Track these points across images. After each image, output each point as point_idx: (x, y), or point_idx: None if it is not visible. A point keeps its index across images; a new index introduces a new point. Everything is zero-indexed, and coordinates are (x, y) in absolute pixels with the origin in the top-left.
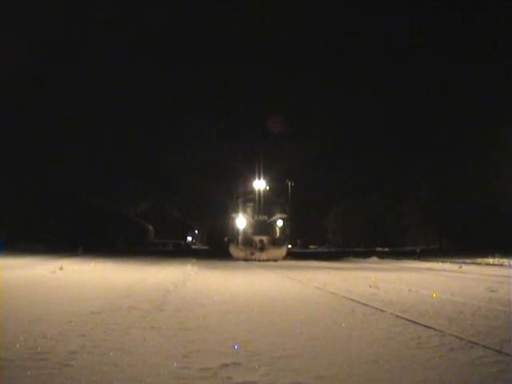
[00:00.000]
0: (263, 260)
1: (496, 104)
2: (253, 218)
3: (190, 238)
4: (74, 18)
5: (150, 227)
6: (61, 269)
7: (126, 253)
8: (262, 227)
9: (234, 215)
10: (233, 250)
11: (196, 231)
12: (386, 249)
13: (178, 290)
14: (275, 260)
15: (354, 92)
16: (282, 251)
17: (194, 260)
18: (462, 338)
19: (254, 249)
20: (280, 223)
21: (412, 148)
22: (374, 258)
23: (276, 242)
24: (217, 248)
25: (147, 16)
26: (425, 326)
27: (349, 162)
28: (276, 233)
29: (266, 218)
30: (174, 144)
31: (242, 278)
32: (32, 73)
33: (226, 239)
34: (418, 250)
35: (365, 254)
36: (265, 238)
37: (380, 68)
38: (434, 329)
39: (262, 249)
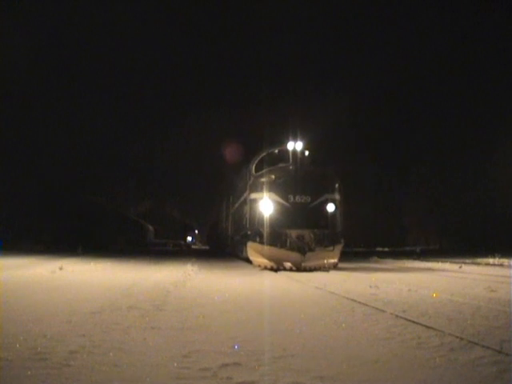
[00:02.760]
0: (306, 269)
1: (496, 104)
2: (286, 199)
3: (190, 238)
4: (74, 18)
5: (150, 227)
6: (61, 269)
7: (126, 253)
8: (303, 215)
9: (254, 196)
10: (253, 252)
11: (196, 231)
12: (386, 249)
13: (178, 289)
14: (325, 270)
15: (353, 91)
16: (334, 255)
17: (194, 260)
18: (462, 338)
19: (289, 251)
20: (331, 208)
21: (412, 148)
22: (374, 258)
23: (325, 240)
24: (221, 249)
25: (147, 17)
26: (425, 326)
27: (348, 162)
28: (325, 224)
29: (309, 199)
30: (174, 144)
31: (242, 277)
32: (32, 73)
33: (239, 236)
34: (418, 250)
35: (365, 254)
36: (307, 233)
37: (378, 68)
38: (434, 329)
39: (304, 250)
